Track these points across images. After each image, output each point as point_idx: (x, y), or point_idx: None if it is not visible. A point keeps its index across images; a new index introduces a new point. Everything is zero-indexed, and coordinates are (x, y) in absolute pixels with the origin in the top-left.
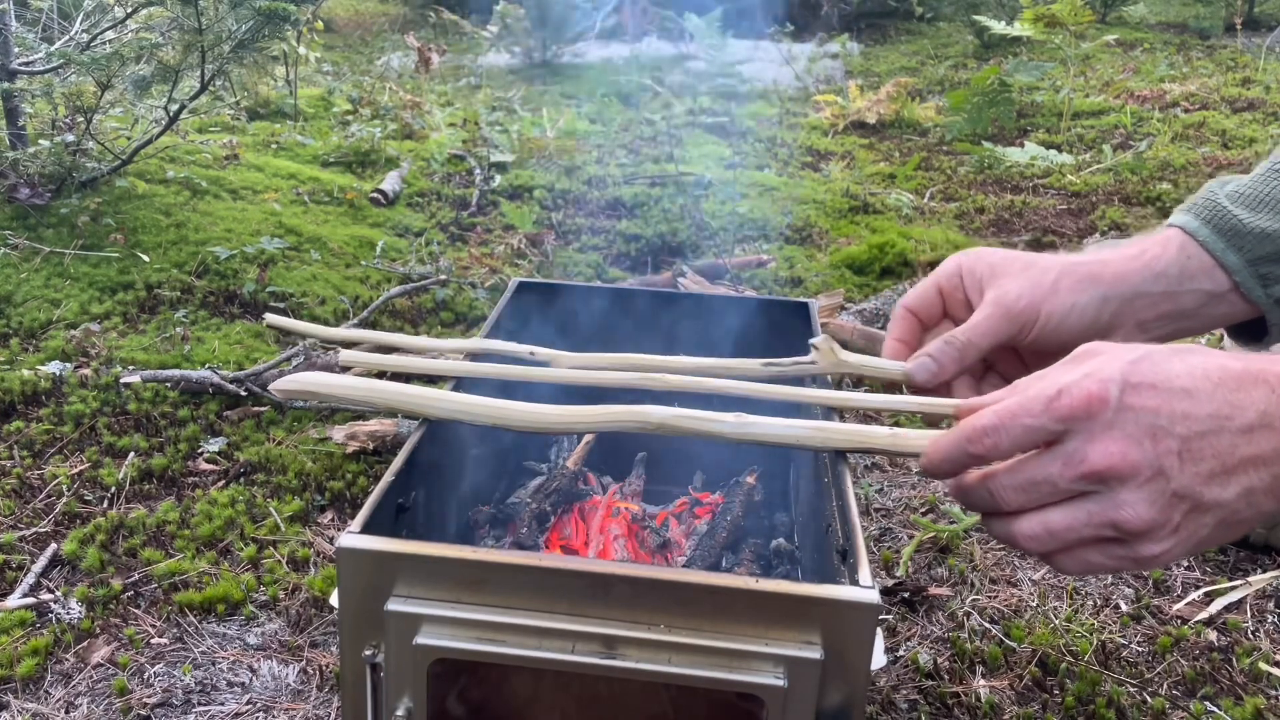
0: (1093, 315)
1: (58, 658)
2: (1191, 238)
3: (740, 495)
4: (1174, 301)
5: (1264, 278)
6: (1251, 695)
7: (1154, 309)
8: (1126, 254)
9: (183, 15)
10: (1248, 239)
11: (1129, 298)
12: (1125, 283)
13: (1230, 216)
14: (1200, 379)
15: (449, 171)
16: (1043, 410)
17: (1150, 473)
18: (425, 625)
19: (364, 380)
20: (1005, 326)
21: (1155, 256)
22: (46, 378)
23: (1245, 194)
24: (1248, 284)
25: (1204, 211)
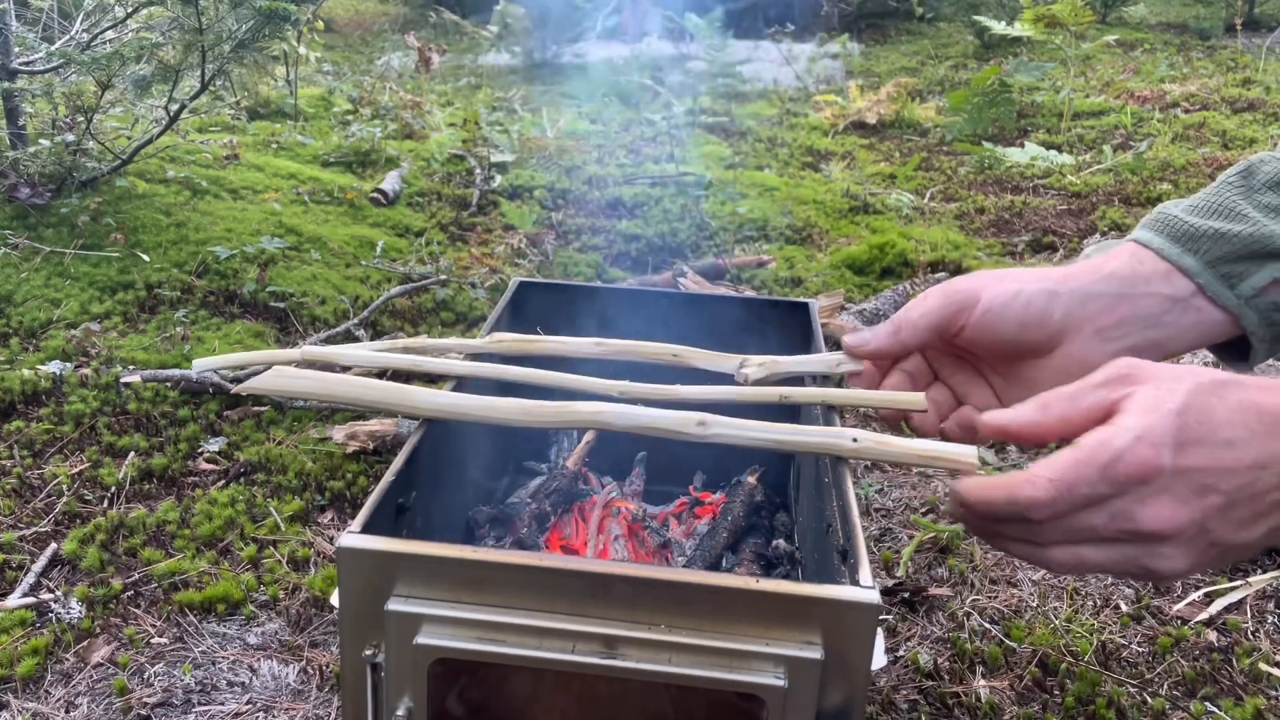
0: (1040, 308)
1: (58, 657)
2: (1144, 246)
3: (741, 495)
4: (1131, 305)
5: (1227, 277)
6: (1252, 696)
7: (1111, 313)
8: (1077, 265)
9: (183, 15)
10: (1202, 241)
11: (1080, 298)
12: (1074, 281)
13: (1182, 223)
14: (1240, 427)
15: (449, 171)
16: (1100, 479)
17: (1195, 531)
18: (425, 625)
19: (324, 375)
20: (943, 305)
21: (1104, 262)
22: (47, 377)
23: (1198, 205)
24: (1212, 286)
25: (1155, 224)
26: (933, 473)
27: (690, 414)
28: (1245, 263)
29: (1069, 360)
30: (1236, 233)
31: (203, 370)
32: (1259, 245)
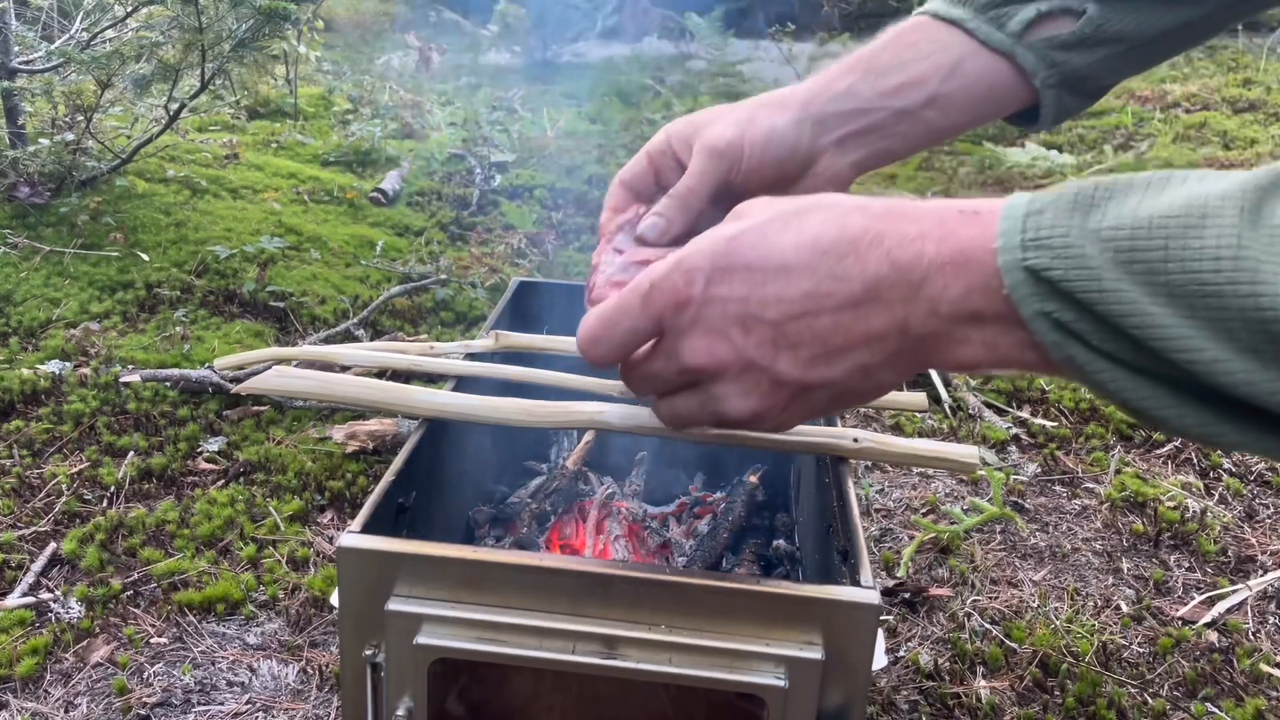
0: (792, 139)
1: (57, 657)
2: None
3: (742, 495)
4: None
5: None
6: (1252, 696)
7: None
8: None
9: (183, 14)
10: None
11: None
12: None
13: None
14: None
15: (449, 171)
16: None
17: (740, 366)
18: (425, 625)
19: (325, 375)
20: (716, 165)
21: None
22: (46, 377)
23: None
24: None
25: None
26: (933, 473)
27: None
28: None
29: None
30: None
31: (223, 369)
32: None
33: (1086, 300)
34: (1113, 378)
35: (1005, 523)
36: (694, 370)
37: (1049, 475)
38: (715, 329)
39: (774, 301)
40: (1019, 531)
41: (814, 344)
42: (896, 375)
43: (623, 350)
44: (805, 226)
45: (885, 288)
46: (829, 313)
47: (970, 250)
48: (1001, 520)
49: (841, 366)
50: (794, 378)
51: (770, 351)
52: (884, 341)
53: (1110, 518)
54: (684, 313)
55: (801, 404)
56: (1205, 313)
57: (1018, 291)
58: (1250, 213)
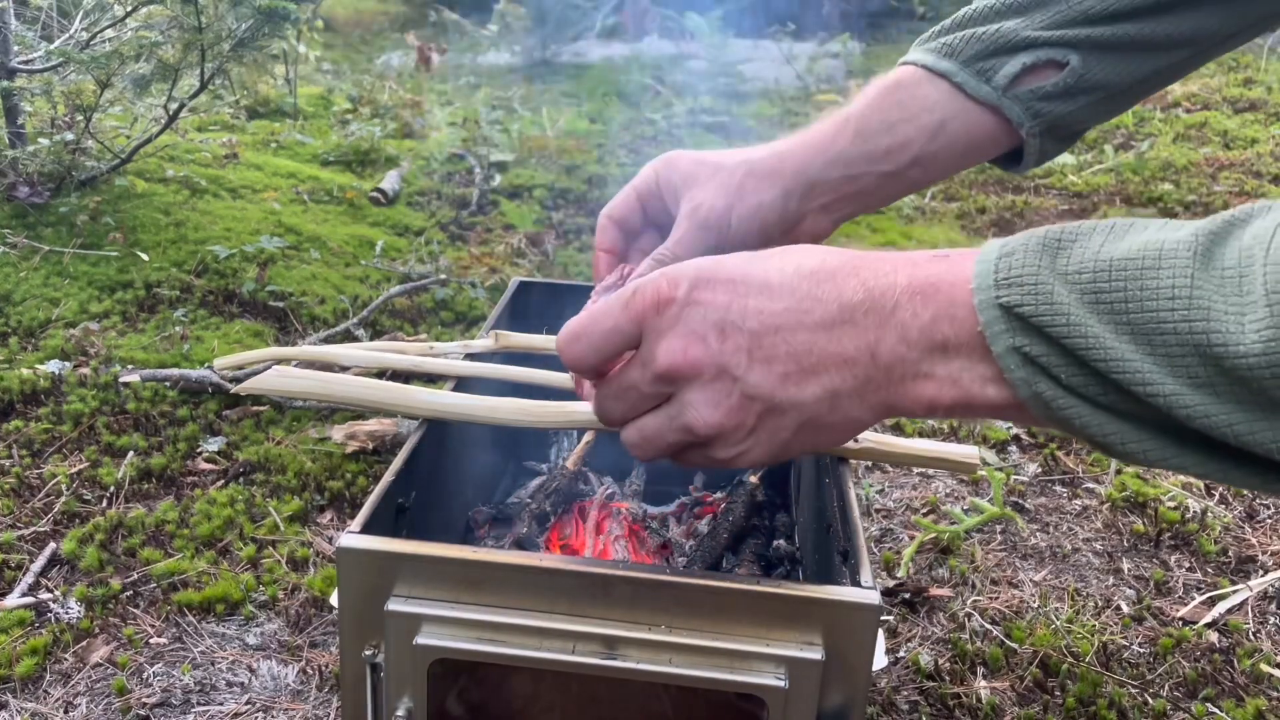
0: (779, 210)
1: (56, 657)
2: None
3: (743, 495)
4: (853, 184)
5: (982, 72)
6: (1253, 697)
7: (836, 190)
8: (805, 140)
9: (182, 14)
10: (956, 45)
11: (809, 186)
12: (802, 174)
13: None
14: (789, 274)
15: (449, 171)
16: (621, 311)
17: (714, 371)
18: (425, 625)
19: (324, 375)
20: (704, 237)
21: (830, 142)
22: (45, 376)
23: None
24: (970, 83)
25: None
26: (934, 473)
27: None
28: (996, 58)
29: (798, 237)
30: (982, 32)
31: (223, 368)
32: (1003, 39)
33: (1055, 334)
34: (1079, 413)
35: (1006, 523)
36: (667, 374)
37: (1049, 475)
38: (693, 331)
39: (754, 313)
40: (1019, 532)
41: (788, 360)
42: (862, 410)
43: (600, 349)
44: (788, 256)
45: (859, 312)
46: (805, 330)
47: (939, 282)
48: (1002, 520)
49: (811, 389)
50: (764, 393)
51: (744, 360)
52: (854, 366)
53: (1111, 518)
54: (664, 313)
55: (768, 427)
56: (1163, 349)
57: (991, 328)
58: (1202, 257)
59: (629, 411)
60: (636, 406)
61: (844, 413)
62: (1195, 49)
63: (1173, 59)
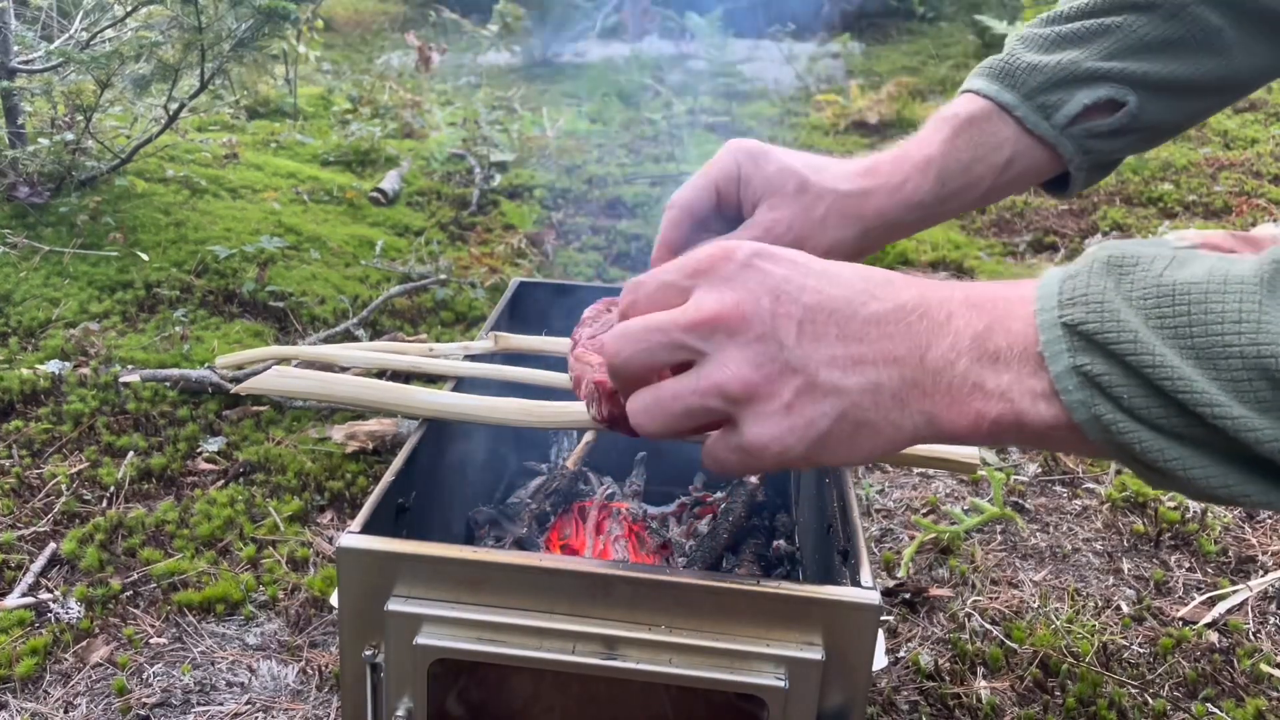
0: (852, 246)
1: (56, 657)
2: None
3: (743, 495)
4: (923, 224)
5: (1043, 108)
6: (1253, 697)
7: (906, 231)
8: (890, 182)
9: (182, 14)
10: (1019, 75)
11: (886, 228)
12: (884, 217)
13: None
14: (849, 271)
15: (449, 170)
16: (678, 267)
17: (761, 330)
18: (425, 625)
19: (324, 375)
20: None
21: (915, 188)
22: (45, 377)
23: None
24: (1030, 118)
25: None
26: (933, 473)
27: None
28: (1060, 90)
29: None
30: (1045, 63)
31: (223, 367)
32: (1065, 72)
33: (1120, 352)
34: (1139, 437)
35: (1005, 523)
36: (709, 321)
37: (1049, 475)
38: (748, 288)
39: (812, 291)
40: (1019, 532)
41: (836, 344)
42: (903, 415)
43: (653, 299)
44: (850, 264)
45: (913, 315)
46: (859, 320)
47: (996, 297)
48: (1002, 520)
49: (855, 378)
50: (808, 367)
51: (794, 330)
52: (901, 365)
53: (1111, 518)
54: (720, 269)
55: (806, 411)
56: (1228, 373)
57: (1051, 347)
58: (1269, 283)
59: (640, 356)
60: (652, 355)
61: (885, 413)
62: (1239, 89)
63: (1219, 101)
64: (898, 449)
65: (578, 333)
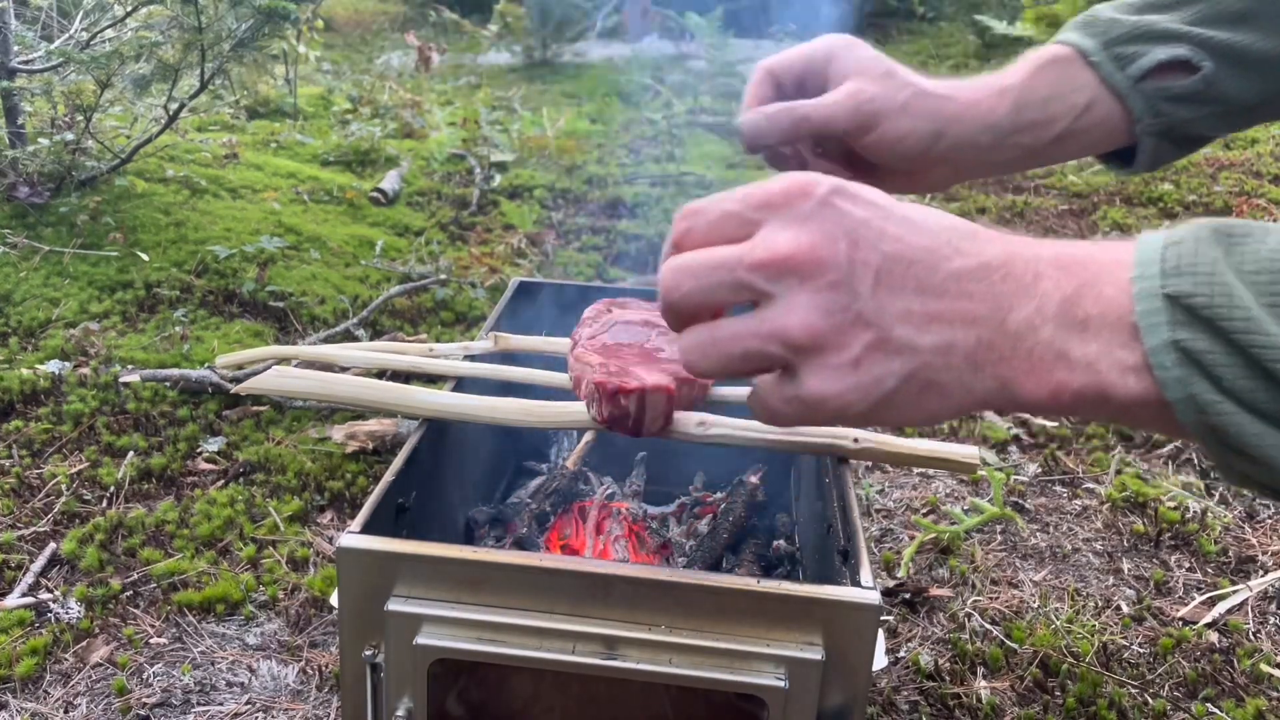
0: (925, 145)
1: (56, 657)
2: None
3: (743, 495)
4: (994, 154)
5: (1119, 59)
6: (1253, 697)
7: (977, 156)
8: (970, 98)
9: (182, 14)
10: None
11: (957, 141)
12: (957, 125)
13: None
14: (933, 219)
15: (449, 171)
16: (744, 196)
17: (835, 277)
18: (425, 625)
19: (325, 375)
20: (847, 117)
21: (990, 109)
22: (45, 377)
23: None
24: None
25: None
26: (934, 473)
27: (690, 414)
28: (1138, 43)
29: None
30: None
31: (224, 366)
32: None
33: (1228, 329)
34: (1237, 421)
35: (1006, 523)
36: (778, 261)
37: (1049, 475)
38: (824, 229)
39: (892, 238)
40: (1019, 532)
41: (913, 297)
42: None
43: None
44: (932, 209)
45: (997, 274)
46: (939, 274)
47: (1089, 260)
48: (1002, 520)
49: (929, 337)
50: (882, 321)
51: (870, 280)
52: (979, 326)
53: (1111, 518)
54: (796, 205)
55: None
56: None
57: (1149, 319)
58: None
59: (699, 293)
60: (713, 292)
61: (957, 375)
62: None
63: None
64: (965, 413)
65: (578, 333)
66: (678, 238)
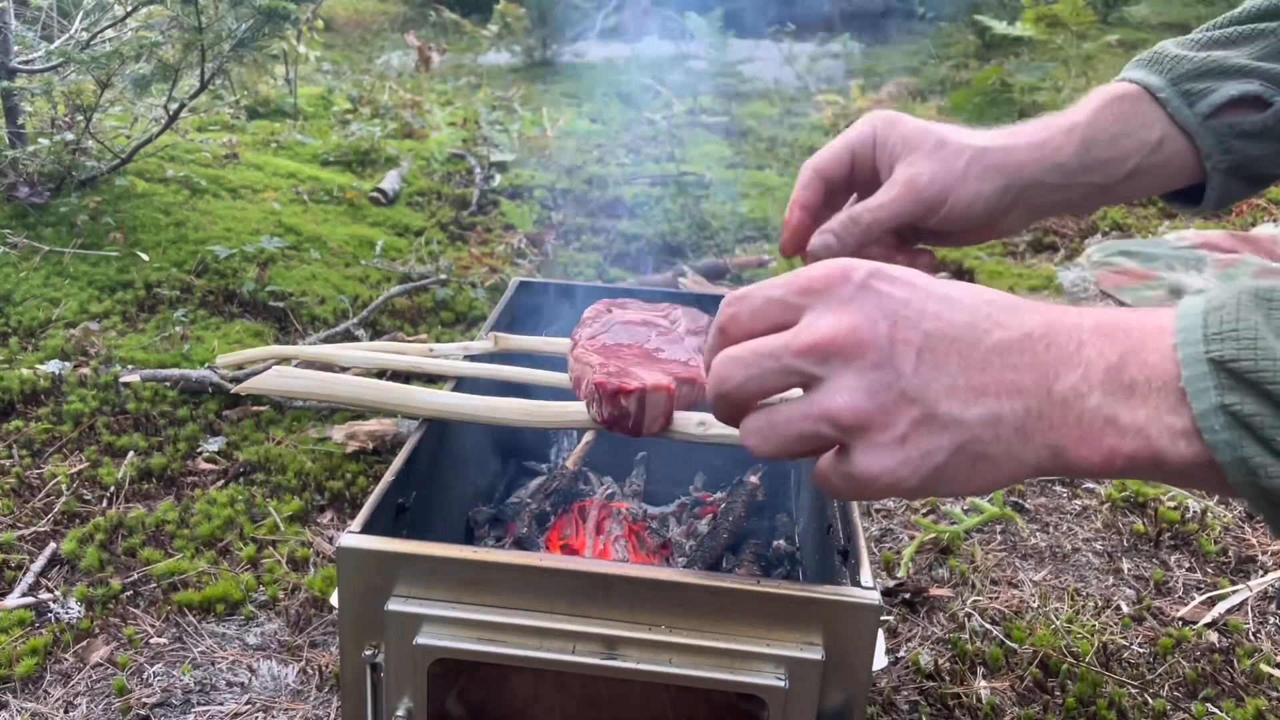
0: (995, 203)
1: (57, 657)
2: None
3: (743, 495)
4: (1065, 193)
5: (1188, 95)
6: (1253, 696)
7: (1047, 197)
8: (1033, 140)
9: (182, 14)
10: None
11: (1027, 186)
12: (1025, 172)
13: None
14: (971, 295)
15: (449, 170)
16: (786, 283)
17: (878, 358)
18: (425, 625)
19: (325, 375)
20: (912, 208)
21: (1058, 149)
22: (45, 377)
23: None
24: (1173, 103)
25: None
26: None
27: (690, 414)
28: (1207, 79)
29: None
30: (1193, 55)
31: (224, 365)
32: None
33: (1275, 391)
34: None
35: (1005, 523)
36: (823, 345)
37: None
38: (863, 311)
39: (932, 316)
40: (1019, 532)
41: (958, 373)
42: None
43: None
44: (968, 285)
45: (1040, 344)
46: (981, 349)
47: (1130, 327)
48: (1002, 520)
49: (976, 410)
50: (927, 398)
51: (913, 358)
52: (1026, 396)
53: (1111, 518)
54: (836, 291)
55: (922, 444)
56: None
57: (1195, 384)
58: None
59: (750, 383)
60: (763, 379)
61: (1006, 446)
62: None
63: None
64: (1017, 481)
65: (578, 333)
66: (724, 323)
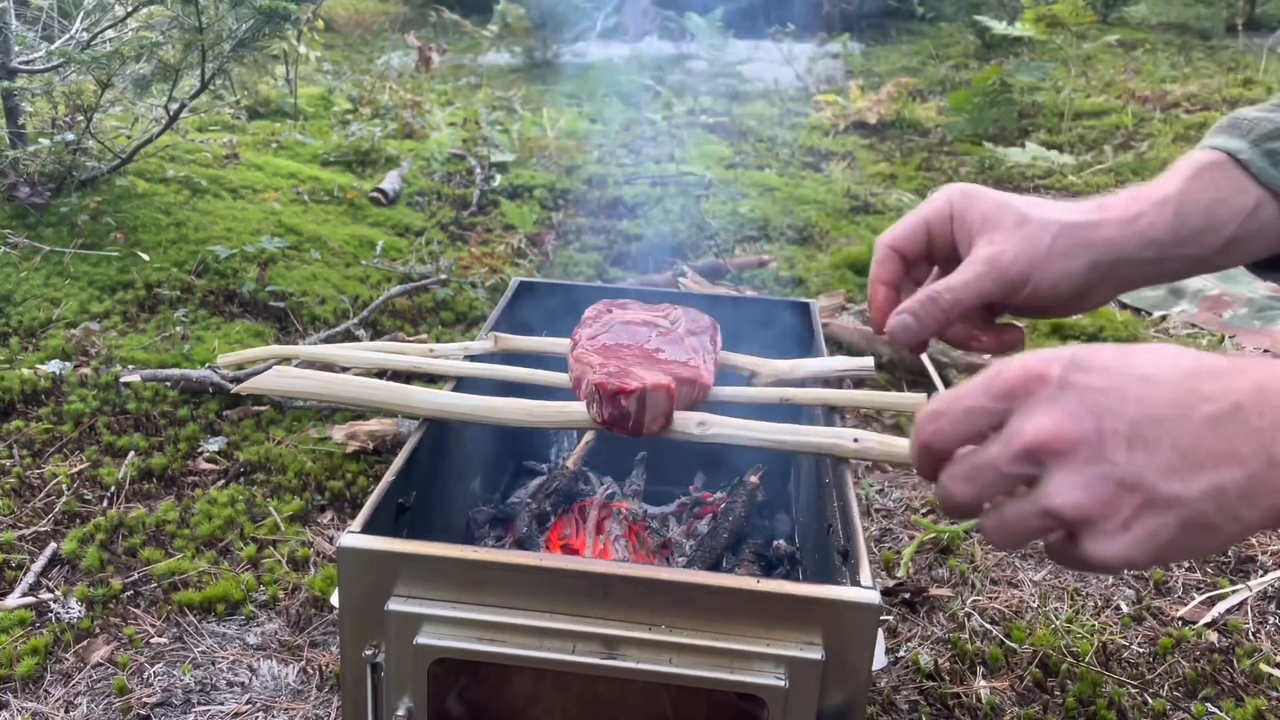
0: (1082, 280)
1: (57, 657)
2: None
3: (743, 495)
4: (1158, 267)
5: (1272, 154)
6: (1252, 696)
7: (1138, 273)
8: (1124, 214)
9: (183, 14)
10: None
11: (1117, 262)
12: (1116, 248)
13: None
14: (1166, 367)
15: (449, 171)
16: (982, 390)
17: (1089, 453)
18: (425, 625)
19: (325, 375)
20: (995, 288)
21: (1150, 223)
22: (46, 377)
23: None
24: (1257, 163)
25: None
26: None
27: (691, 414)
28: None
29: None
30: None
31: (225, 365)
32: None
33: None
34: None
35: None
36: (1034, 449)
37: None
38: (1068, 410)
39: (1134, 400)
40: None
41: (1171, 452)
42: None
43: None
44: (1161, 352)
45: (1253, 412)
46: (1192, 424)
47: None
48: None
49: (1197, 485)
50: (1145, 482)
51: (1124, 447)
52: (1245, 464)
53: None
54: (1036, 392)
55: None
56: None
57: None
58: None
59: (979, 494)
60: (989, 489)
61: (1232, 513)
62: None
63: None
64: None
65: (578, 333)
66: (927, 439)
